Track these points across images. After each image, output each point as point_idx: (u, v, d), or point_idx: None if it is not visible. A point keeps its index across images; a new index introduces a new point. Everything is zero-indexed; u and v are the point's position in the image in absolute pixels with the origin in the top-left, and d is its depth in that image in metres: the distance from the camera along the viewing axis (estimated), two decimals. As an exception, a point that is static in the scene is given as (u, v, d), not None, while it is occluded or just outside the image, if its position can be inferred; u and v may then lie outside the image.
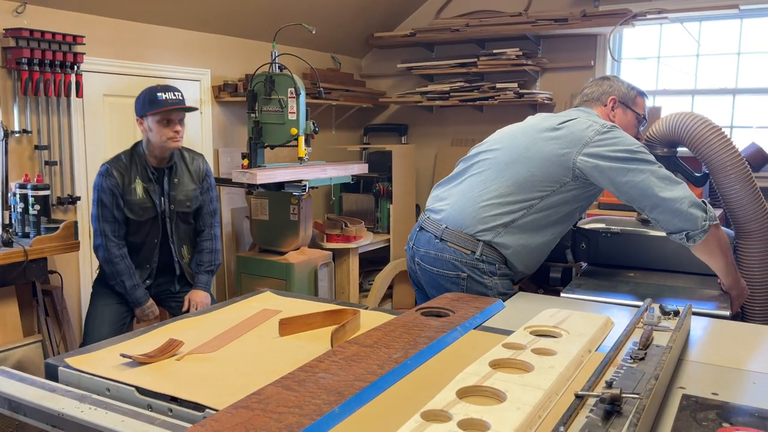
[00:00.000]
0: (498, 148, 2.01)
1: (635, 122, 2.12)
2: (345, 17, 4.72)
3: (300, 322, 1.49)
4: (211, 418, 1.01)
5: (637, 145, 1.86)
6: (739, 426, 1.05)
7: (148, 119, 2.64)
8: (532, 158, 1.90)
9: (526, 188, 1.90)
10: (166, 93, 2.64)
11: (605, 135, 1.86)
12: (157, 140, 2.66)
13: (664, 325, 1.39)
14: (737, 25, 4.14)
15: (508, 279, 1.97)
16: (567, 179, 1.88)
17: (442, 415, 1.02)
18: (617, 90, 2.11)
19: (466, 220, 1.95)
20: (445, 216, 2.00)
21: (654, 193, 1.77)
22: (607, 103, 2.09)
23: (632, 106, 2.11)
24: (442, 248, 1.97)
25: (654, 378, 1.09)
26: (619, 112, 2.09)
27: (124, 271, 2.67)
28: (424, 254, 2.03)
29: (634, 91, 2.13)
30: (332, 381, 1.16)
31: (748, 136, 4.15)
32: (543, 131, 1.95)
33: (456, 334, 1.48)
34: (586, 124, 1.91)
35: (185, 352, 1.34)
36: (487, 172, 1.97)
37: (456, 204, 2.00)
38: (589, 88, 2.15)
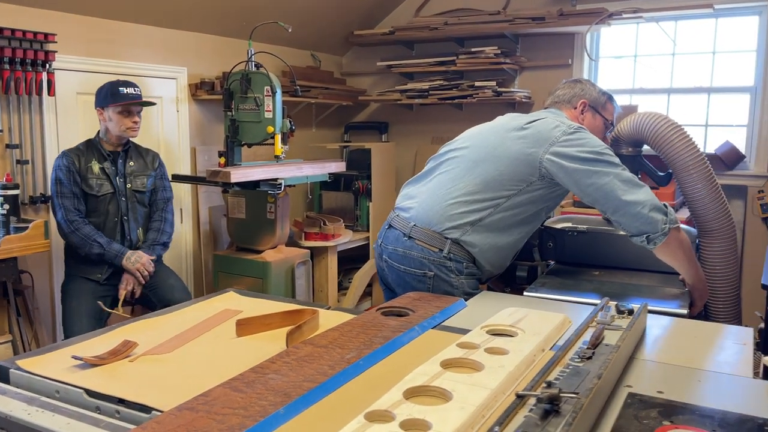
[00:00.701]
0: (467, 146, 2.02)
1: (603, 127, 2.14)
2: (325, 15, 4.71)
3: (258, 322, 1.49)
4: (154, 420, 1.01)
5: (603, 147, 1.87)
6: (679, 424, 1.07)
7: (108, 110, 2.89)
8: (500, 157, 1.92)
9: (493, 187, 1.91)
10: (127, 88, 2.93)
11: (572, 136, 1.88)
12: (116, 130, 2.92)
13: (616, 324, 1.41)
14: (712, 24, 4.18)
15: (475, 278, 1.98)
16: (534, 178, 1.90)
17: (386, 415, 1.03)
18: (588, 94, 2.13)
19: (434, 217, 1.96)
20: (414, 214, 2.01)
21: (616, 195, 1.79)
22: (578, 106, 2.11)
23: (601, 110, 2.13)
24: (410, 246, 1.98)
25: (597, 377, 1.10)
26: (588, 116, 2.11)
27: (92, 231, 2.85)
28: (392, 252, 2.04)
29: (604, 97, 2.15)
30: (281, 382, 1.17)
31: (723, 134, 4.20)
32: (511, 130, 1.96)
33: (413, 334, 1.49)
34: (554, 124, 1.93)
35: (139, 354, 1.34)
36: (456, 171, 1.98)
37: (425, 202, 2.01)
38: (561, 89, 2.17)
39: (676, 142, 2.01)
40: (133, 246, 2.97)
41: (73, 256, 2.90)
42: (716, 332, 1.59)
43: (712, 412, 1.10)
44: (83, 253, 2.83)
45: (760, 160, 3.99)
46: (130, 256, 2.88)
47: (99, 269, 2.86)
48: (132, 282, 2.88)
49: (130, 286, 2.87)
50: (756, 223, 4.01)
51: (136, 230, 3.01)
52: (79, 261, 2.87)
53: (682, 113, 4.33)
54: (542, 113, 2.06)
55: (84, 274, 2.86)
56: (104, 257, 2.84)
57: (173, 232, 3.16)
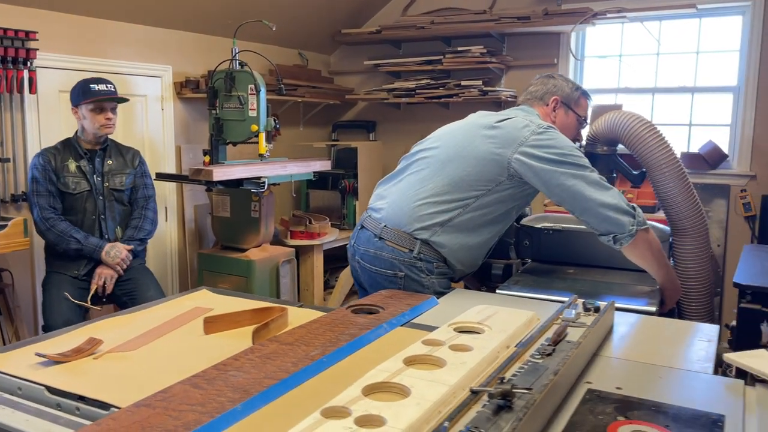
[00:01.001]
0: (436, 146, 2.02)
1: (576, 124, 2.13)
2: (312, 14, 4.71)
3: (226, 320, 1.49)
4: (109, 416, 1.02)
5: (571, 148, 1.87)
6: (633, 419, 1.08)
7: (82, 108, 2.87)
8: (468, 157, 1.92)
9: (462, 187, 1.91)
10: (99, 85, 2.90)
11: (540, 135, 1.87)
12: (91, 127, 2.90)
13: (581, 322, 1.42)
14: (696, 24, 4.20)
15: (446, 278, 1.98)
16: (502, 178, 1.90)
17: (342, 411, 1.04)
18: (561, 90, 2.12)
19: (404, 218, 1.96)
20: (384, 215, 2.01)
21: (584, 196, 1.80)
22: (549, 102, 2.10)
23: (574, 107, 2.12)
24: (380, 247, 1.98)
25: (553, 373, 1.11)
26: (561, 112, 2.10)
27: (68, 227, 2.85)
28: (363, 253, 2.04)
29: (577, 92, 2.14)
30: (242, 379, 1.17)
31: (706, 134, 4.22)
32: (480, 129, 1.96)
33: (381, 331, 1.50)
34: (523, 123, 1.92)
35: (104, 351, 1.34)
36: (425, 171, 1.98)
37: (394, 203, 2.01)
38: (534, 86, 2.16)
39: (649, 141, 2.02)
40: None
41: (52, 254, 2.91)
42: (683, 330, 1.60)
43: (668, 408, 1.11)
44: (61, 249, 2.83)
45: (743, 160, 4.01)
46: (109, 250, 2.87)
47: (77, 265, 2.87)
48: (105, 276, 2.87)
49: (102, 280, 2.86)
50: (739, 221, 4.04)
51: (114, 229, 3.00)
52: (57, 258, 2.88)
53: (667, 113, 4.35)
54: (513, 111, 2.05)
55: (62, 270, 2.87)
56: (83, 252, 2.84)
57: (154, 230, 3.14)
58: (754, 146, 3.97)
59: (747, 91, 3.96)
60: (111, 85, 2.95)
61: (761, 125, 3.94)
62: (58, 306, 2.73)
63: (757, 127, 3.95)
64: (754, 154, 3.98)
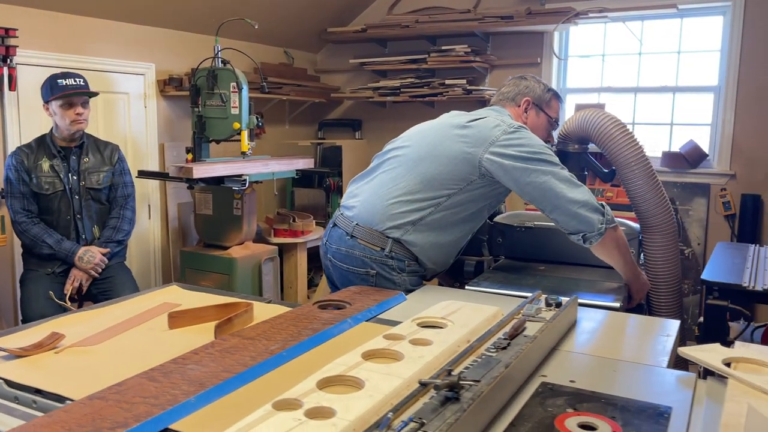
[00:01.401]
0: (408, 145, 2.03)
1: (546, 125, 2.15)
2: (298, 12, 4.71)
3: (190, 315, 1.51)
4: (62, 408, 1.03)
5: (541, 146, 1.89)
6: (581, 411, 1.10)
7: (52, 104, 2.83)
8: (440, 156, 1.93)
9: (433, 186, 1.92)
10: (66, 79, 2.83)
11: (511, 135, 1.89)
12: (62, 123, 2.84)
13: (541, 317, 1.44)
14: (677, 24, 4.23)
15: (418, 276, 1.99)
16: (474, 177, 1.91)
17: (294, 403, 1.05)
18: (532, 91, 2.13)
19: (376, 217, 1.96)
20: (356, 213, 2.02)
21: (554, 194, 1.82)
22: (521, 104, 2.12)
23: (545, 108, 2.14)
24: (352, 245, 1.99)
25: (504, 366, 1.13)
26: (532, 114, 2.12)
27: (41, 231, 2.81)
28: (335, 251, 2.04)
29: (549, 94, 2.15)
30: (199, 372, 1.18)
31: (688, 133, 4.26)
32: (452, 128, 1.98)
33: (345, 326, 1.51)
34: (495, 123, 1.94)
35: (66, 345, 1.35)
36: (397, 170, 1.99)
37: (366, 201, 2.02)
38: (507, 87, 2.18)
39: (619, 139, 2.05)
40: (88, 244, 2.93)
41: (28, 251, 2.90)
42: (644, 325, 1.62)
43: (617, 400, 1.13)
44: (36, 252, 2.82)
45: (723, 159, 4.05)
46: (82, 256, 2.84)
47: (51, 264, 2.85)
48: (80, 278, 2.85)
49: (77, 283, 2.84)
50: (719, 220, 4.08)
51: (91, 228, 2.95)
52: (33, 256, 2.87)
53: (649, 112, 4.39)
54: (485, 111, 2.06)
55: (38, 267, 2.86)
56: (56, 256, 2.82)
57: (132, 230, 3.11)
58: (733, 146, 4.01)
59: (727, 91, 4.00)
60: (80, 78, 2.87)
61: (741, 125, 3.98)
62: (36, 302, 2.72)
63: (736, 127, 3.99)
64: (733, 154, 4.01)
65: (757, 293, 1.91)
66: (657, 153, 4.24)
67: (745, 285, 1.93)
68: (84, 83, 2.87)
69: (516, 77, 2.21)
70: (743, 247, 2.52)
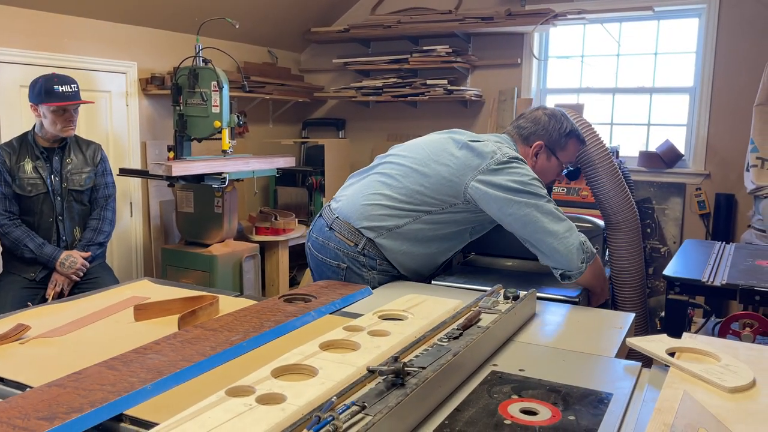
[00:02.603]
0: (406, 154, 2.04)
1: (557, 169, 2.08)
2: (281, 12, 4.74)
3: (157, 308, 1.54)
4: (20, 395, 1.06)
5: (531, 178, 1.86)
6: (525, 398, 1.14)
7: (42, 108, 2.78)
8: (429, 175, 1.94)
9: (416, 200, 1.94)
10: (63, 86, 2.79)
11: (502, 165, 1.87)
12: (51, 128, 2.81)
13: (497, 309, 1.48)
14: (654, 26, 4.30)
15: (389, 276, 2.02)
16: (457, 201, 1.92)
17: (248, 390, 1.09)
18: (548, 135, 2.03)
19: (355, 214, 1.99)
20: (340, 206, 2.05)
21: (535, 228, 1.81)
22: (533, 146, 2.04)
23: (558, 152, 2.05)
24: (329, 237, 2.03)
25: (452, 355, 1.17)
26: (542, 157, 2.04)
27: (23, 235, 2.78)
28: (314, 240, 2.09)
29: (567, 138, 2.04)
30: (158, 361, 1.22)
31: (665, 133, 4.32)
32: (450, 146, 1.97)
33: (308, 318, 1.55)
34: (491, 149, 1.91)
35: (31, 337, 1.38)
36: (388, 175, 2.01)
37: (350, 197, 2.05)
38: (525, 121, 2.08)
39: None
40: (69, 246, 2.92)
41: (9, 252, 2.87)
42: (600, 318, 1.67)
43: (561, 387, 1.18)
44: (17, 254, 2.80)
45: (698, 159, 4.12)
46: (64, 261, 2.82)
47: (33, 269, 2.83)
48: (62, 282, 2.84)
49: (59, 287, 2.83)
50: (694, 219, 4.14)
51: (72, 230, 2.93)
52: (14, 258, 2.85)
53: (626, 113, 4.45)
54: (492, 136, 2.03)
55: (18, 271, 2.84)
56: (37, 261, 2.80)
57: (112, 230, 3.09)
58: (708, 146, 4.08)
59: (702, 93, 4.07)
60: (75, 84, 2.85)
61: (715, 125, 4.05)
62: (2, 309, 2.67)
63: (711, 128, 4.06)
64: (708, 154, 4.08)
65: (716, 288, 1.96)
66: (634, 153, 4.31)
67: (704, 280, 1.98)
68: (77, 89, 2.85)
69: (538, 110, 2.10)
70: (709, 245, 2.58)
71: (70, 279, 2.85)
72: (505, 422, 1.04)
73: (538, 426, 1.03)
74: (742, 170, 3.64)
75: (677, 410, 1.05)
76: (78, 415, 0.99)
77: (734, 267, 2.10)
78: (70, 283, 2.87)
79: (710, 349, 1.30)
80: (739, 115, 3.92)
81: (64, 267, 2.82)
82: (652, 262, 4.17)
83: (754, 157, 3.44)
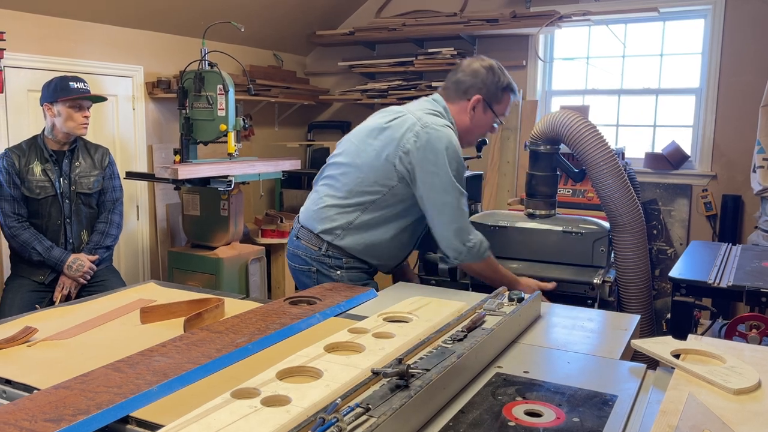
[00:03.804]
0: (341, 151, 2.13)
1: (491, 123, 2.13)
2: (286, 15, 4.76)
3: (163, 310, 1.55)
4: (27, 397, 1.07)
5: (443, 153, 1.92)
6: (530, 400, 1.14)
7: (58, 105, 2.81)
8: (361, 166, 2.01)
9: (357, 192, 2.01)
10: (77, 83, 2.86)
11: (420, 138, 1.93)
12: (66, 126, 2.83)
13: (502, 311, 1.48)
14: (660, 27, 4.29)
15: (360, 271, 2.07)
16: (394, 183, 1.98)
17: (253, 392, 1.09)
18: (486, 89, 2.07)
19: (311, 220, 2.09)
20: (302, 216, 2.16)
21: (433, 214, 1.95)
22: (471, 99, 2.06)
23: (495, 105, 2.09)
24: (297, 245, 2.13)
25: (457, 357, 1.17)
26: (479, 111, 2.08)
27: (31, 238, 2.80)
28: (288, 251, 2.20)
29: (503, 91, 2.10)
30: (164, 363, 1.23)
31: (671, 134, 4.31)
32: (371, 133, 2.04)
33: (313, 321, 1.56)
34: (410, 123, 1.97)
35: (39, 339, 1.39)
36: (331, 177, 2.10)
37: (307, 206, 2.15)
38: (464, 74, 2.09)
39: (588, 140, 2.09)
40: (76, 249, 2.93)
41: (17, 255, 2.90)
42: (605, 320, 1.67)
43: (566, 389, 1.18)
44: (25, 257, 2.82)
45: (704, 160, 4.10)
46: (71, 264, 2.83)
47: (41, 272, 2.85)
48: (69, 285, 2.85)
49: (66, 290, 2.85)
50: (701, 220, 4.13)
51: (80, 233, 2.95)
52: (22, 261, 2.87)
53: (632, 114, 4.44)
54: (415, 105, 2.08)
55: (26, 274, 2.86)
56: (45, 263, 2.82)
57: (119, 234, 3.11)
58: (714, 147, 4.06)
59: (708, 93, 4.05)
60: (87, 84, 2.91)
61: (721, 126, 4.03)
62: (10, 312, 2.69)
63: (717, 129, 4.05)
64: (714, 155, 4.07)
65: (722, 290, 1.95)
66: (640, 154, 4.30)
67: (710, 282, 1.97)
68: (89, 88, 2.91)
69: (476, 62, 2.12)
70: (716, 246, 2.57)
71: (77, 282, 2.86)
72: (510, 424, 1.04)
73: (543, 428, 1.03)
74: (749, 171, 3.62)
75: (682, 412, 1.05)
76: (84, 417, 1.00)
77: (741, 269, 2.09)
78: (78, 286, 2.88)
79: (715, 350, 1.29)
80: (745, 116, 3.90)
81: (72, 270, 2.83)
82: (659, 264, 4.15)
83: (761, 158, 3.42)
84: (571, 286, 2.06)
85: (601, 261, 2.12)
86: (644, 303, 2.17)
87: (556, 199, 2.31)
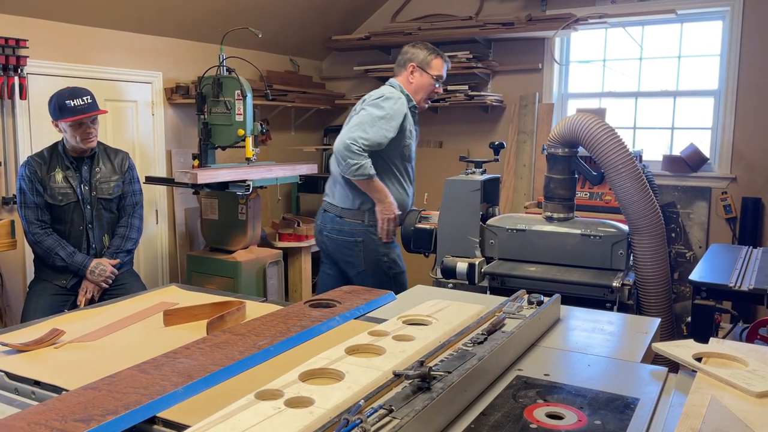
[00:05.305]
0: None
1: (431, 82, 2.78)
2: (303, 21, 4.80)
3: (185, 313, 1.57)
4: (56, 398, 1.09)
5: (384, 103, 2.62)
6: (551, 402, 1.15)
7: (61, 123, 2.81)
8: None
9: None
10: (74, 100, 2.77)
11: (378, 98, 2.66)
12: (72, 142, 2.85)
13: (522, 314, 1.48)
14: (677, 29, 4.26)
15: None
16: None
17: (276, 393, 1.11)
18: (416, 57, 2.77)
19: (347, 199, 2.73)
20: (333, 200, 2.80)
21: (355, 123, 2.61)
22: (408, 68, 2.77)
23: (428, 69, 2.76)
24: (341, 223, 2.74)
25: (477, 359, 1.18)
26: (417, 75, 2.77)
27: (54, 244, 2.84)
28: (330, 229, 2.77)
29: (431, 56, 2.76)
30: (188, 365, 1.25)
31: (689, 137, 4.28)
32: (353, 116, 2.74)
33: (333, 323, 1.57)
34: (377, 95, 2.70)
35: (66, 341, 1.42)
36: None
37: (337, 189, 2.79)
38: (401, 55, 2.83)
39: (607, 143, 2.09)
40: (98, 254, 2.96)
41: (40, 260, 2.93)
42: (626, 323, 1.66)
43: (587, 392, 1.18)
44: (49, 262, 2.86)
45: (723, 163, 4.06)
46: (94, 269, 2.86)
47: (64, 276, 2.89)
48: (92, 289, 2.88)
49: (89, 294, 2.88)
50: (720, 223, 4.09)
51: (101, 237, 2.98)
52: (46, 266, 2.90)
53: (650, 116, 4.41)
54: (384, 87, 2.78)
55: (50, 278, 2.90)
56: (68, 269, 2.86)
57: (140, 238, 3.13)
58: (734, 149, 4.03)
59: (727, 95, 4.02)
60: (88, 96, 2.81)
61: (741, 128, 4.00)
62: (34, 315, 2.72)
63: (737, 131, 4.01)
64: (734, 157, 4.03)
65: (743, 293, 1.94)
66: (658, 157, 4.27)
67: (731, 285, 1.96)
68: (91, 100, 2.82)
69: (407, 45, 2.84)
70: (736, 249, 2.55)
71: (99, 286, 2.90)
72: (531, 426, 1.05)
73: (565, 430, 1.04)
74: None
75: (705, 415, 1.04)
76: (113, 417, 1.02)
77: (762, 271, 2.08)
78: (100, 290, 2.92)
79: (737, 354, 1.29)
80: (765, 117, 3.87)
81: (94, 275, 2.87)
82: (678, 267, 4.12)
83: (782, 160, 3.38)
84: (590, 289, 2.05)
85: (620, 264, 2.12)
86: (664, 306, 2.16)
87: (575, 202, 2.31)
